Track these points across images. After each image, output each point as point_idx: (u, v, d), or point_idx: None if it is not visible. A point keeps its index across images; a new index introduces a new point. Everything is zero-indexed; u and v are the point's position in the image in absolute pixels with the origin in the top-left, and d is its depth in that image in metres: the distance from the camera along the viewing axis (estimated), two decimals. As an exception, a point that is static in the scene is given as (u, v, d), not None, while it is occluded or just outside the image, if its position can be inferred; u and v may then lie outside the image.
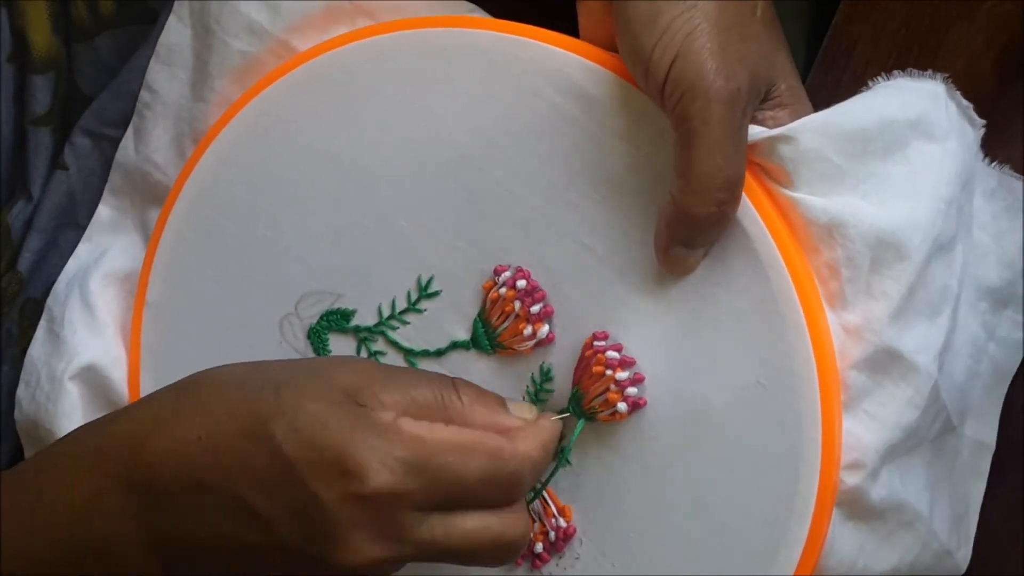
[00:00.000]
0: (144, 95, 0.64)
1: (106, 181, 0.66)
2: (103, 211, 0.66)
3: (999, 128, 0.60)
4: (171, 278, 0.63)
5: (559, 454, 0.56)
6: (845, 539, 0.53)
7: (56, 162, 0.66)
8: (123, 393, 0.64)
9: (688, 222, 0.51)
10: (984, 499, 0.60)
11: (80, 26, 0.64)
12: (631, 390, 0.54)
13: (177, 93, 0.63)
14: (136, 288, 0.65)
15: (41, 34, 0.62)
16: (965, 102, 0.55)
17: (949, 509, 0.57)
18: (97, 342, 0.64)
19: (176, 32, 0.63)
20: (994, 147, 0.59)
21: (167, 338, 0.63)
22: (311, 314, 0.60)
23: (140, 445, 0.50)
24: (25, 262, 0.65)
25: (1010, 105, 0.61)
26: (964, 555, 0.58)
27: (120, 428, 0.52)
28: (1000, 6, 0.60)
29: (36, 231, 0.66)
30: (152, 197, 0.65)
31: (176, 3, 0.62)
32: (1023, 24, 0.59)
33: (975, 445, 0.59)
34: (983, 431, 0.59)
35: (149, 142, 0.64)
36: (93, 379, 0.64)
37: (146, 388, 0.63)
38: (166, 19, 0.63)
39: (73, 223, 0.67)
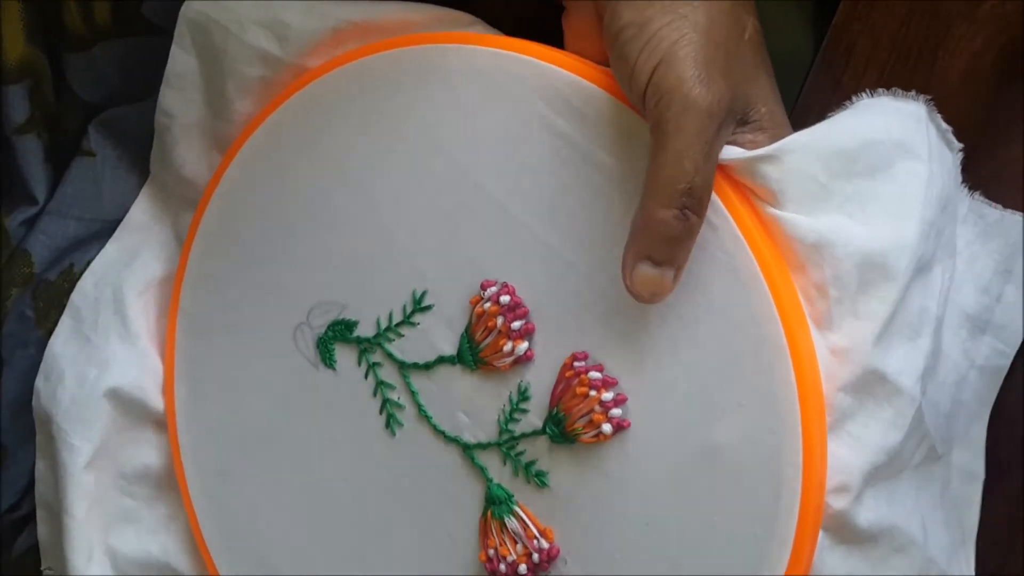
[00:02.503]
0: (161, 119, 0.62)
1: (131, 168, 0.65)
2: (135, 214, 0.65)
3: (999, 128, 0.57)
4: (201, 285, 0.62)
5: (534, 476, 0.54)
6: (836, 564, 0.50)
7: (67, 159, 0.65)
8: (157, 404, 0.64)
9: (652, 229, 0.48)
10: (984, 498, 0.57)
11: (75, 36, 0.62)
12: (615, 411, 0.51)
13: (196, 114, 0.62)
14: (166, 296, 0.64)
15: (12, 44, 0.60)
16: (944, 125, 0.52)
17: (946, 536, 0.54)
18: (130, 352, 0.63)
19: (182, 61, 0.61)
20: (994, 148, 0.57)
21: (197, 344, 0.63)
22: (320, 324, 0.59)
23: None
24: (40, 246, 0.64)
25: (1010, 105, 0.58)
26: None
27: None
28: (1000, 6, 0.56)
29: (51, 214, 0.64)
30: (187, 203, 0.64)
31: (176, 33, 0.60)
32: (1023, 24, 0.57)
33: (965, 474, 0.56)
34: (970, 460, 0.56)
35: (174, 160, 0.63)
36: (126, 395, 0.63)
37: (180, 395, 0.63)
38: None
39: (98, 213, 0.65)
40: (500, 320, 0.53)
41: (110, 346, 0.63)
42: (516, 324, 0.53)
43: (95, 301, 0.64)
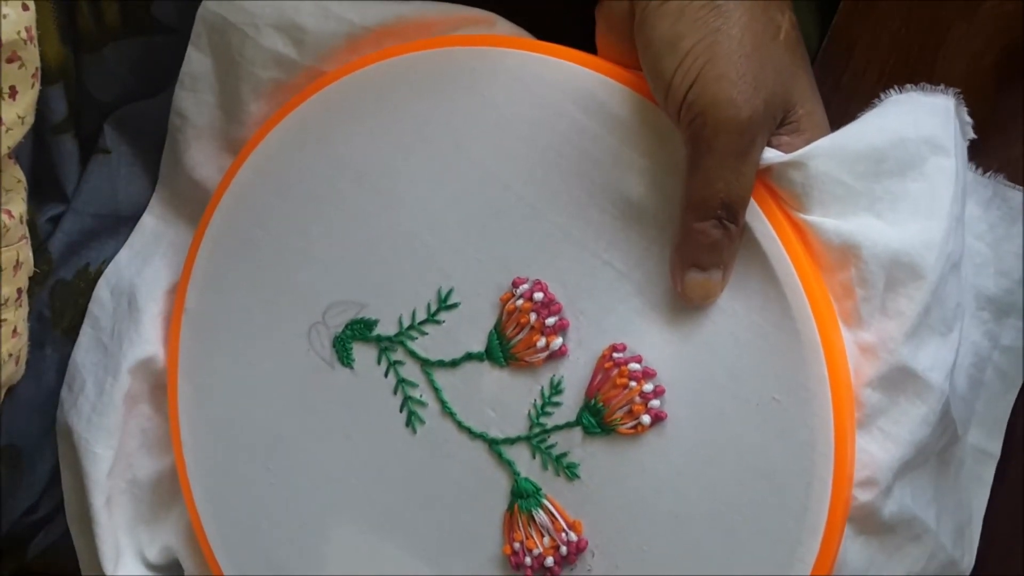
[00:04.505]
0: (174, 119, 0.62)
1: (146, 165, 0.65)
2: (148, 220, 0.65)
3: (999, 129, 0.58)
4: (208, 286, 0.62)
5: (565, 468, 0.55)
6: (856, 553, 0.51)
7: (86, 158, 0.65)
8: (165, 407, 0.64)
9: (692, 241, 0.50)
10: (986, 498, 0.59)
11: (87, 37, 0.62)
12: (654, 402, 0.52)
13: (209, 116, 0.62)
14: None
15: (50, 45, 0.60)
16: (967, 118, 0.54)
17: (953, 518, 0.56)
18: (139, 351, 0.63)
19: (198, 62, 0.61)
20: (995, 148, 0.58)
21: (203, 344, 0.62)
22: (337, 323, 0.59)
23: None
24: (58, 243, 0.63)
25: (1010, 106, 0.59)
26: (968, 562, 0.57)
27: None
28: (1000, 6, 0.58)
29: (72, 213, 0.64)
30: (198, 206, 0.64)
31: (193, 34, 0.60)
32: (1023, 24, 0.58)
33: (978, 453, 0.57)
34: (986, 439, 0.57)
35: (186, 162, 0.63)
36: (140, 391, 0.64)
37: (184, 394, 0.63)
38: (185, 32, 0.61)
39: (113, 210, 0.65)
40: (533, 316, 0.54)
41: (123, 352, 0.63)
42: (551, 320, 0.54)
43: (113, 311, 0.64)
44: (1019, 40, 0.58)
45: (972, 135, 0.54)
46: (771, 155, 0.50)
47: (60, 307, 0.64)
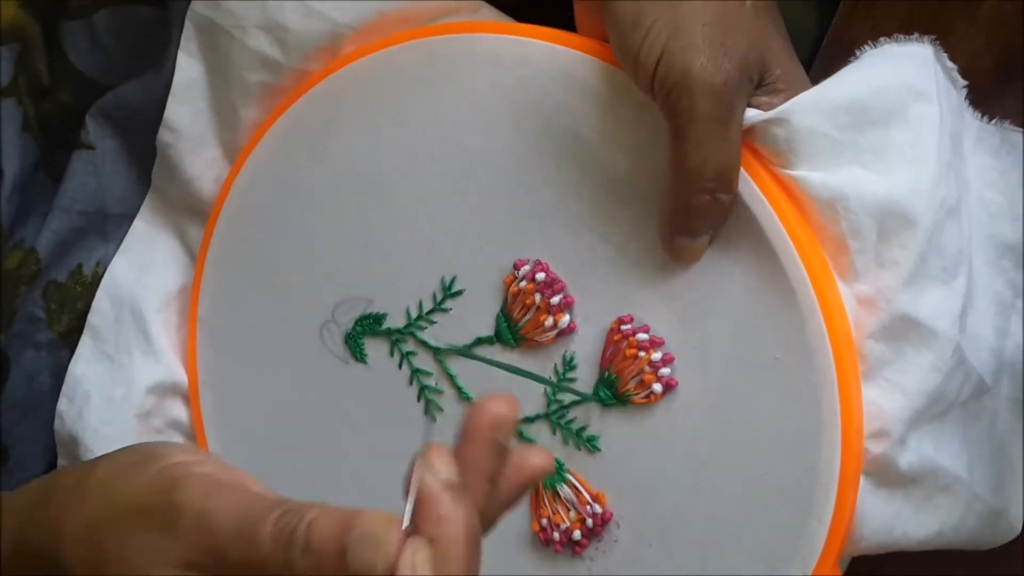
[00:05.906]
0: (165, 135, 0.62)
1: (132, 162, 0.65)
2: (140, 226, 0.66)
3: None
4: (219, 293, 0.64)
5: (586, 442, 0.55)
6: (877, 507, 0.51)
7: (59, 134, 0.64)
8: (185, 417, 0.65)
9: (684, 212, 0.51)
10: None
11: (77, 2, 0.62)
12: (664, 370, 0.53)
13: (203, 124, 0.63)
14: (184, 307, 0.65)
15: (6, 5, 0.59)
16: (950, 64, 0.54)
17: (992, 469, 0.55)
18: (156, 368, 0.64)
19: (189, 69, 0.62)
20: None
21: (220, 353, 0.64)
22: (347, 320, 0.60)
23: None
24: (45, 242, 0.64)
25: (1010, 106, 0.59)
26: (1016, 514, 0.56)
27: None
28: (1000, 6, 0.58)
29: (58, 211, 0.64)
30: (194, 213, 0.65)
31: (183, 39, 0.62)
32: (1023, 24, 0.58)
33: (1014, 403, 0.56)
34: (1019, 390, 0.56)
35: (182, 172, 0.63)
36: (154, 406, 0.64)
37: (206, 405, 0.64)
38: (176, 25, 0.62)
39: (100, 207, 0.65)
40: (538, 297, 0.56)
41: (135, 364, 0.64)
42: (555, 299, 0.55)
43: (115, 321, 0.65)
44: (1019, 40, 0.59)
45: (962, 81, 0.55)
46: (752, 114, 0.51)
47: (56, 310, 0.64)
